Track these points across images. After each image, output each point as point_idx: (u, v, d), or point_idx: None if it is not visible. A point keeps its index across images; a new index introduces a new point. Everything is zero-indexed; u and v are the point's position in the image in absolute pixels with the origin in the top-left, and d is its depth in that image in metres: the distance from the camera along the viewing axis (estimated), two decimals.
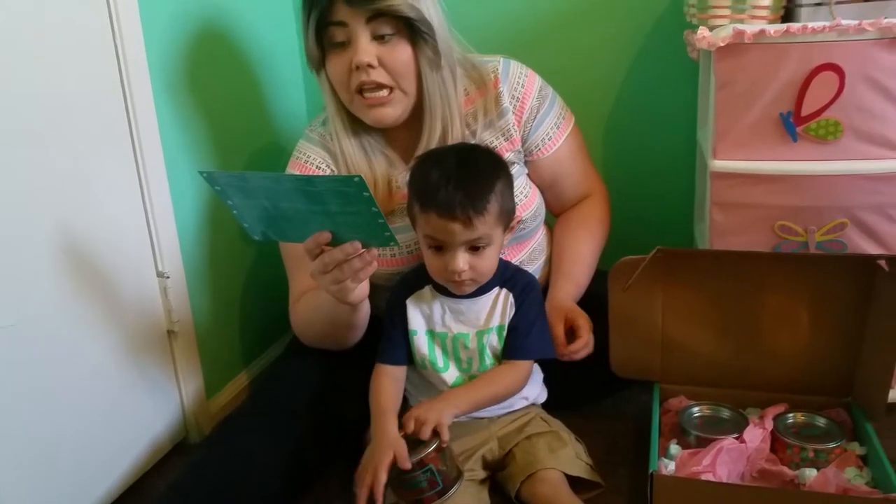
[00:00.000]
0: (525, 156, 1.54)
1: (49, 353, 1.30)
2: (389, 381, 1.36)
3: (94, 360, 1.40)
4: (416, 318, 1.38)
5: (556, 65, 1.73)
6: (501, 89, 1.48)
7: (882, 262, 1.32)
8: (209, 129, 1.66)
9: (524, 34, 1.87)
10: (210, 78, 1.66)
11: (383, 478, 1.18)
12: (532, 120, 1.51)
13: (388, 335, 1.39)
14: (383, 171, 1.49)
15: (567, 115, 1.58)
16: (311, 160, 1.49)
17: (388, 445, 1.22)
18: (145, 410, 1.53)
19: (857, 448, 1.34)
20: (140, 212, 1.48)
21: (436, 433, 1.23)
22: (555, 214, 1.65)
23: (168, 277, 1.53)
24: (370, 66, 1.35)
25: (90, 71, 1.36)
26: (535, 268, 1.56)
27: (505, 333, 1.37)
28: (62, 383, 1.33)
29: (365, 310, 1.36)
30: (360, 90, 1.38)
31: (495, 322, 1.37)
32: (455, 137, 1.46)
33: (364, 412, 1.40)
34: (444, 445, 1.23)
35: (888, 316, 1.33)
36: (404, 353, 1.38)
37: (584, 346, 1.38)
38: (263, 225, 1.23)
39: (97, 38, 1.37)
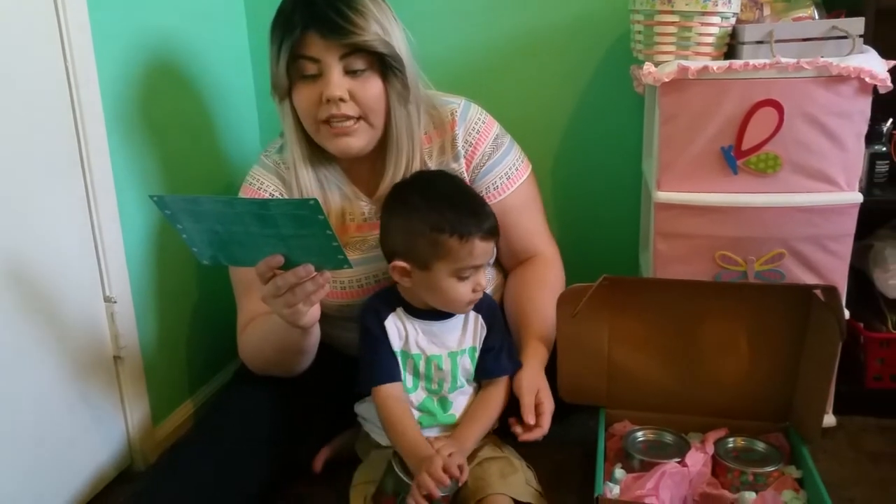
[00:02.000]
0: None
1: None
2: (397, 402, 1.35)
3: (37, 386, 1.37)
4: (393, 339, 1.37)
5: (504, 98, 1.77)
6: (457, 132, 1.49)
7: (817, 292, 1.37)
8: (160, 156, 1.65)
9: (473, 67, 1.89)
10: (163, 107, 1.65)
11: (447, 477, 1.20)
12: (481, 167, 1.51)
13: (376, 356, 1.36)
14: (337, 204, 1.49)
15: (522, 167, 1.56)
16: (263, 186, 1.49)
17: (437, 457, 1.23)
18: (90, 437, 1.50)
19: (793, 471, 1.38)
20: (88, 236, 1.46)
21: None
22: (504, 267, 1.62)
23: (115, 302, 1.51)
24: (341, 99, 1.35)
25: (42, 97, 1.35)
26: None
27: (477, 355, 1.39)
28: (3, 408, 1.30)
29: (315, 334, 1.35)
30: (327, 120, 1.38)
31: (468, 343, 1.39)
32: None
33: (313, 440, 1.40)
34: (461, 485, 1.25)
35: (823, 344, 1.37)
36: (399, 369, 1.37)
37: (540, 434, 1.35)
38: (213, 249, 1.22)
39: (49, 66, 1.36)
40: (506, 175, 1.53)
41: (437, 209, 1.29)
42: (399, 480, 1.26)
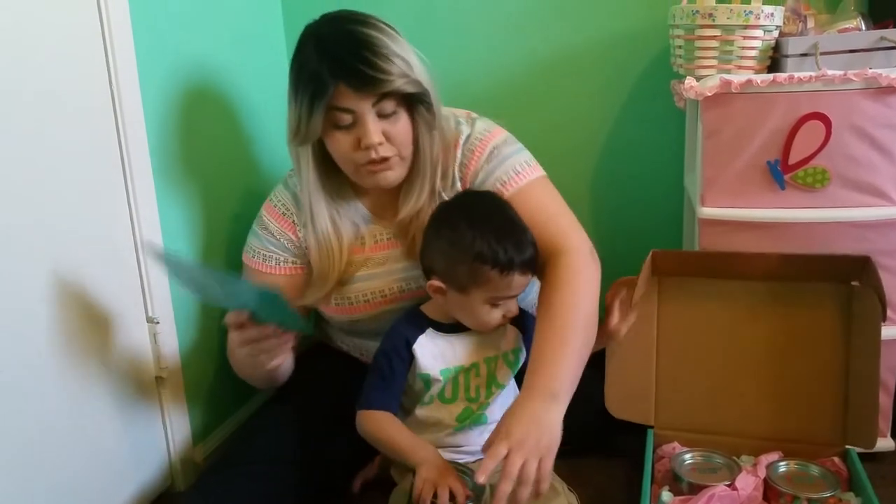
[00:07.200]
0: None
1: (35, 399, 1.28)
2: (393, 419, 1.37)
3: (80, 406, 1.37)
4: (427, 361, 1.37)
5: (543, 114, 1.76)
6: (458, 153, 1.47)
7: (856, 284, 1.40)
8: (201, 177, 1.67)
9: (512, 84, 1.89)
10: (203, 129, 1.67)
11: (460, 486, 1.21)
12: (476, 178, 1.46)
13: (388, 383, 1.37)
14: (349, 237, 1.50)
15: (524, 171, 1.45)
16: (282, 206, 1.54)
17: (448, 467, 1.25)
18: (131, 457, 1.50)
19: (851, 498, 1.32)
20: (132, 257, 1.48)
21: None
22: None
23: (158, 323, 1.52)
24: (379, 143, 1.36)
25: (88, 121, 1.37)
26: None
27: (513, 358, 1.41)
28: (47, 429, 1.30)
29: (285, 367, 1.45)
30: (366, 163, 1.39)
31: (502, 349, 1.40)
32: (430, 195, 1.46)
33: (350, 457, 1.39)
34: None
35: (867, 331, 1.39)
36: (396, 400, 1.39)
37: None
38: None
39: (95, 89, 1.39)
40: (514, 171, 1.45)
41: (482, 238, 1.29)
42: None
